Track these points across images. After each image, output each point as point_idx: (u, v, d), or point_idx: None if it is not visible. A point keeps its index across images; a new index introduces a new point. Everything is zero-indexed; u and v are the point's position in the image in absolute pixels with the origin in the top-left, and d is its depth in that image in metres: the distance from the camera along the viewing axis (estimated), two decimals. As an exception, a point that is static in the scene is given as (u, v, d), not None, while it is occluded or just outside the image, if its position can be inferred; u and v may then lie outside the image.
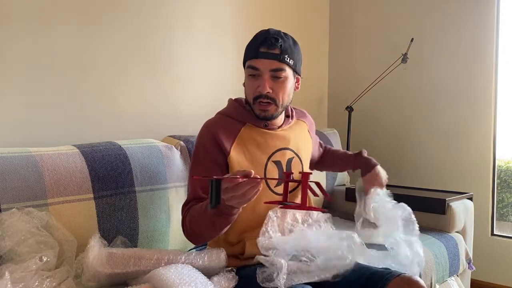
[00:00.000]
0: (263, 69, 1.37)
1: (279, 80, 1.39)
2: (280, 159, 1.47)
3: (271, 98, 1.39)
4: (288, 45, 1.39)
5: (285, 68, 1.38)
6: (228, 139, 1.42)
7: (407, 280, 1.25)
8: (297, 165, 1.51)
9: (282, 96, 1.40)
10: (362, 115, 2.88)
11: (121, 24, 1.98)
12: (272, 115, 1.42)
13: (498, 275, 2.52)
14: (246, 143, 1.44)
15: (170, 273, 1.21)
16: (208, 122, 1.48)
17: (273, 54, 1.36)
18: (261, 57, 1.37)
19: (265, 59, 1.36)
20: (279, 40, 1.37)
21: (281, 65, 1.37)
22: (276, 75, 1.38)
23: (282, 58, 1.37)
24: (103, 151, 1.61)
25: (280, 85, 1.39)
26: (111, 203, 1.56)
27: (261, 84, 1.38)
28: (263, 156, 1.44)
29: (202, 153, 1.42)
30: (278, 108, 1.42)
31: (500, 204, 2.70)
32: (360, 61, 2.96)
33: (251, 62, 1.40)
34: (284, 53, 1.37)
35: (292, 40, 1.42)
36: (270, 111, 1.41)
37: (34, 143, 1.66)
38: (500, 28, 2.47)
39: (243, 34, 2.49)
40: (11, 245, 1.24)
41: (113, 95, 1.97)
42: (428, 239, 1.98)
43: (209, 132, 1.43)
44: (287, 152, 1.49)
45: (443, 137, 2.65)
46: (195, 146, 1.45)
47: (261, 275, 1.21)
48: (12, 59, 1.67)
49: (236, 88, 2.47)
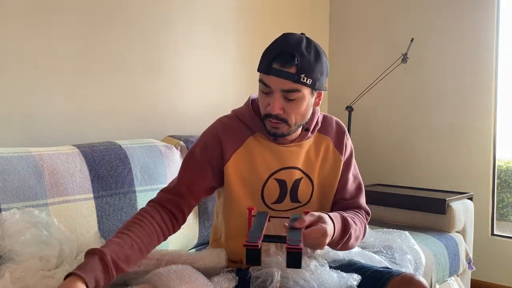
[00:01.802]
0: (274, 87, 1.21)
1: (292, 102, 1.22)
2: (285, 179, 1.33)
3: (281, 119, 1.24)
4: (307, 61, 1.20)
5: (300, 89, 1.21)
6: (232, 145, 1.31)
7: (408, 279, 1.21)
8: (307, 187, 1.34)
9: (295, 117, 1.25)
10: (362, 115, 2.88)
11: (122, 24, 1.98)
12: (283, 133, 1.28)
13: (498, 275, 2.52)
14: (250, 154, 1.32)
15: (170, 273, 1.21)
16: (220, 121, 1.37)
17: (287, 73, 1.19)
18: (273, 74, 1.20)
19: (278, 77, 1.19)
20: (296, 57, 1.18)
21: (295, 86, 1.20)
22: (288, 97, 1.21)
23: (298, 79, 1.19)
24: (103, 151, 1.61)
25: (293, 106, 1.23)
26: (111, 203, 1.56)
27: (271, 103, 1.22)
28: (265, 172, 1.32)
29: (200, 148, 1.34)
30: (290, 127, 1.27)
31: (500, 204, 2.70)
32: (360, 61, 2.96)
33: (262, 77, 1.24)
34: (301, 73, 1.19)
35: (314, 53, 1.22)
36: (281, 130, 1.27)
37: (34, 143, 1.66)
38: (500, 28, 2.47)
39: (244, 34, 2.49)
40: (11, 245, 1.23)
41: (113, 95, 1.97)
42: (428, 239, 1.98)
43: (216, 132, 1.34)
44: (295, 172, 1.33)
45: (443, 137, 2.65)
46: (199, 138, 1.38)
47: (255, 281, 1.21)
48: (12, 59, 1.67)
49: (236, 88, 2.48)
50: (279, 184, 1.33)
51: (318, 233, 1.13)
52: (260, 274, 1.22)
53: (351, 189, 1.41)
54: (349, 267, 1.33)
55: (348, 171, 1.41)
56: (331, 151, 1.38)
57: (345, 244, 1.28)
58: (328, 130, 1.40)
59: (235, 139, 1.32)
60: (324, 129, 1.40)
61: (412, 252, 1.65)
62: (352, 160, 1.43)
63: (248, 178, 1.32)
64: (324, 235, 1.14)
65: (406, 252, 1.60)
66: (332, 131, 1.41)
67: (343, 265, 1.35)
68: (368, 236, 1.72)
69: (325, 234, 1.14)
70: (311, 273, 1.22)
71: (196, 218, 1.80)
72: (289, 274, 1.20)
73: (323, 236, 1.14)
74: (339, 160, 1.39)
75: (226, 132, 1.33)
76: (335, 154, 1.38)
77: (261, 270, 1.22)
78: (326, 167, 1.37)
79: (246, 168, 1.32)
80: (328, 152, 1.38)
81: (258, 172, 1.32)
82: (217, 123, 1.37)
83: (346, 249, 1.33)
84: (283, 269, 1.21)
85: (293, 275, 1.20)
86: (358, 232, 1.32)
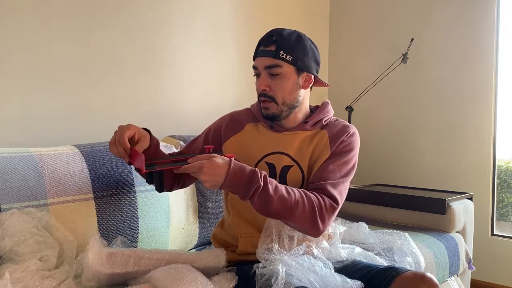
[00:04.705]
0: (260, 66, 1.37)
1: (276, 78, 1.36)
2: (274, 163, 1.39)
3: (269, 96, 1.37)
4: (286, 41, 1.34)
5: (281, 64, 1.34)
6: (233, 129, 1.48)
7: (421, 276, 1.20)
8: (296, 175, 1.38)
9: (281, 95, 1.36)
10: (362, 115, 2.88)
11: (121, 24, 1.98)
12: (273, 113, 1.39)
13: (498, 275, 2.52)
14: (246, 137, 1.46)
15: (170, 273, 1.21)
16: (231, 112, 1.57)
17: (267, 51, 1.35)
18: (259, 55, 1.38)
19: (261, 57, 1.37)
20: (273, 36, 1.34)
21: (275, 61, 1.34)
22: (271, 72, 1.35)
23: (276, 54, 1.33)
24: (103, 151, 1.61)
25: (277, 82, 1.36)
26: (111, 203, 1.56)
27: (259, 82, 1.38)
28: (257, 154, 1.42)
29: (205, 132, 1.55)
30: (278, 106, 1.37)
31: (500, 204, 2.70)
32: (360, 61, 2.96)
33: (253, 62, 1.41)
34: (279, 49, 1.33)
35: (296, 37, 1.36)
36: (271, 110, 1.38)
37: (34, 143, 1.66)
38: (500, 28, 2.47)
39: (244, 34, 2.49)
40: (11, 245, 1.24)
41: (113, 95, 1.97)
42: (428, 239, 1.98)
43: (223, 119, 1.54)
44: (285, 158, 1.39)
45: (443, 137, 2.65)
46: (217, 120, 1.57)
47: (260, 279, 1.21)
48: (12, 59, 1.67)
49: (236, 88, 2.48)
50: (269, 168, 1.40)
51: (195, 166, 1.17)
52: (265, 271, 1.22)
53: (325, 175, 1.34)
54: (353, 267, 1.33)
55: (333, 161, 1.36)
56: (324, 143, 1.39)
57: (264, 204, 1.21)
58: (330, 128, 1.43)
59: (237, 125, 1.49)
60: (327, 126, 1.44)
61: (412, 255, 1.65)
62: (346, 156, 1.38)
63: (242, 158, 1.40)
64: (200, 169, 1.16)
65: (406, 254, 1.61)
66: (334, 129, 1.43)
67: (347, 266, 1.35)
68: (368, 237, 1.72)
69: (202, 169, 1.16)
70: (315, 274, 1.22)
71: (196, 218, 1.80)
72: (294, 272, 1.20)
73: (201, 172, 1.16)
74: (327, 150, 1.38)
75: (231, 121, 1.51)
76: (326, 145, 1.39)
77: (265, 267, 1.22)
78: (315, 155, 1.39)
79: (241, 149, 1.44)
80: (321, 143, 1.40)
81: (251, 153, 1.43)
82: (228, 114, 1.56)
83: (271, 214, 1.23)
84: (288, 267, 1.21)
85: (298, 274, 1.20)
86: (293, 204, 1.22)
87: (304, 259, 1.27)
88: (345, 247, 1.46)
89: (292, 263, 1.23)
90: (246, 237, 1.39)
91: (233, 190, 1.21)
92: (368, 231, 1.76)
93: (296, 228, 1.29)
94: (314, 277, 1.21)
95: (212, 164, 1.17)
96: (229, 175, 1.18)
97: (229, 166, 1.19)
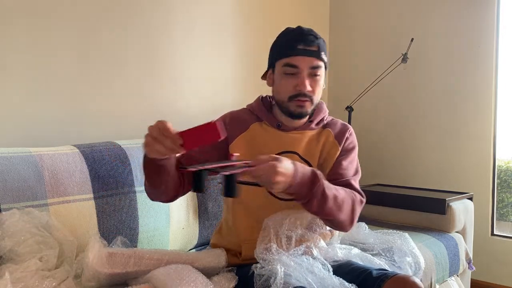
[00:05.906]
0: (303, 66, 1.33)
1: (316, 78, 1.36)
2: None
3: (309, 96, 1.36)
4: (322, 41, 1.38)
5: (321, 65, 1.36)
6: (237, 130, 1.43)
7: (402, 280, 1.21)
8: None
9: (318, 95, 1.39)
10: (362, 115, 2.88)
11: (121, 24, 1.98)
12: (307, 111, 1.39)
13: (498, 275, 2.52)
14: (253, 137, 1.42)
15: (170, 273, 1.21)
16: (230, 112, 1.51)
17: (312, 51, 1.34)
18: (301, 54, 1.33)
19: (305, 56, 1.33)
20: (317, 37, 1.35)
21: (319, 62, 1.35)
22: (314, 73, 1.35)
23: (319, 55, 1.35)
24: (103, 151, 1.61)
25: (317, 83, 1.37)
26: (111, 203, 1.56)
27: (299, 82, 1.34)
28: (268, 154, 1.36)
29: None
30: (312, 105, 1.39)
31: (500, 204, 2.70)
32: (360, 61, 2.96)
33: (288, 60, 1.35)
34: (321, 50, 1.35)
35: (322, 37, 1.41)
36: (306, 108, 1.37)
37: (34, 143, 1.66)
38: (500, 28, 2.47)
39: (244, 34, 2.49)
40: (11, 245, 1.24)
41: (113, 95, 1.97)
42: (428, 239, 1.98)
43: (224, 120, 1.46)
44: (294, 157, 1.39)
45: (443, 137, 2.65)
46: None
47: (259, 279, 1.21)
48: (12, 59, 1.67)
49: (236, 88, 2.48)
50: None
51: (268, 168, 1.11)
52: (263, 271, 1.21)
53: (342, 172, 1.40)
54: (346, 267, 1.34)
55: (344, 158, 1.42)
56: (331, 141, 1.44)
57: (321, 204, 1.22)
58: (332, 127, 1.47)
59: (241, 125, 1.44)
60: (328, 125, 1.48)
61: (412, 255, 1.65)
62: (352, 153, 1.45)
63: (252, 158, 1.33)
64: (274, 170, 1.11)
65: (405, 254, 1.60)
66: (335, 127, 1.48)
67: (341, 265, 1.36)
68: (368, 237, 1.72)
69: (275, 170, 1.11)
70: (314, 275, 1.22)
71: (196, 218, 1.80)
72: (293, 273, 1.20)
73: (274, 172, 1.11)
74: (336, 148, 1.43)
75: (233, 120, 1.45)
76: (334, 143, 1.44)
77: (264, 267, 1.22)
78: (324, 153, 1.42)
79: (249, 149, 1.40)
80: (328, 141, 1.44)
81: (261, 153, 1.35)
82: (227, 113, 1.50)
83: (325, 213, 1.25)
84: (286, 267, 1.21)
85: (297, 274, 1.20)
86: (341, 201, 1.27)
87: (303, 259, 1.27)
88: (343, 247, 1.46)
89: (291, 263, 1.23)
90: (250, 243, 1.36)
91: (298, 190, 1.19)
92: (368, 231, 1.76)
93: (334, 223, 1.31)
94: (313, 278, 1.21)
95: (283, 164, 1.13)
96: (298, 173, 1.17)
97: (294, 164, 1.18)
